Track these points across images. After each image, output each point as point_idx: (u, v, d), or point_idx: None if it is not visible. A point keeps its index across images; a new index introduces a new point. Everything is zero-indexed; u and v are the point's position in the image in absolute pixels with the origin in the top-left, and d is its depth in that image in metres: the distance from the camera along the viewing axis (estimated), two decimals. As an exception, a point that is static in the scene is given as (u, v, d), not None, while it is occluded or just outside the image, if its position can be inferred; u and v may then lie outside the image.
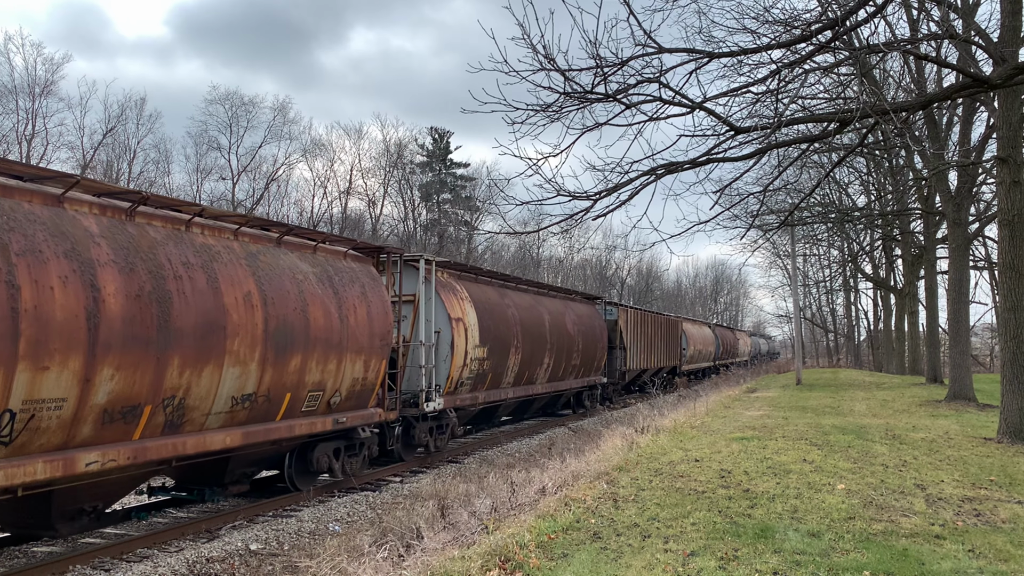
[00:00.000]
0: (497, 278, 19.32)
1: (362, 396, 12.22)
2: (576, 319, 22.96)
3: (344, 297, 11.58)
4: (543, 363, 20.21)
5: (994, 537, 6.85)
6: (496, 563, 6.06)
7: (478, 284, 17.76)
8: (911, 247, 33.29)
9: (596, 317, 25.46)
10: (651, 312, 35.06)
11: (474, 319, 16.29)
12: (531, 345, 19.08)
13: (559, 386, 22.02)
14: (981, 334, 55.27)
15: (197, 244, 9.29)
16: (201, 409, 9.07)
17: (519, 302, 19.22)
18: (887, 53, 13.85)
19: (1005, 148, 13.94)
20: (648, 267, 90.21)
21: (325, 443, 11.98)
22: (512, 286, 20.00)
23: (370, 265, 13.04)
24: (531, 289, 21.38)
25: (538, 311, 20.17)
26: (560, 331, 21.21)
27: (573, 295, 25.21)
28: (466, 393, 16.38)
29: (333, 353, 11.15)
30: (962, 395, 20.07)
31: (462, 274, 17.36)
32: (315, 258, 11.56)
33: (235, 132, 52.44)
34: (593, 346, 24.19)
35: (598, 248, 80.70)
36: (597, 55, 8.59)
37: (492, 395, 17.60)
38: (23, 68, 59.16)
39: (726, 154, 10.20)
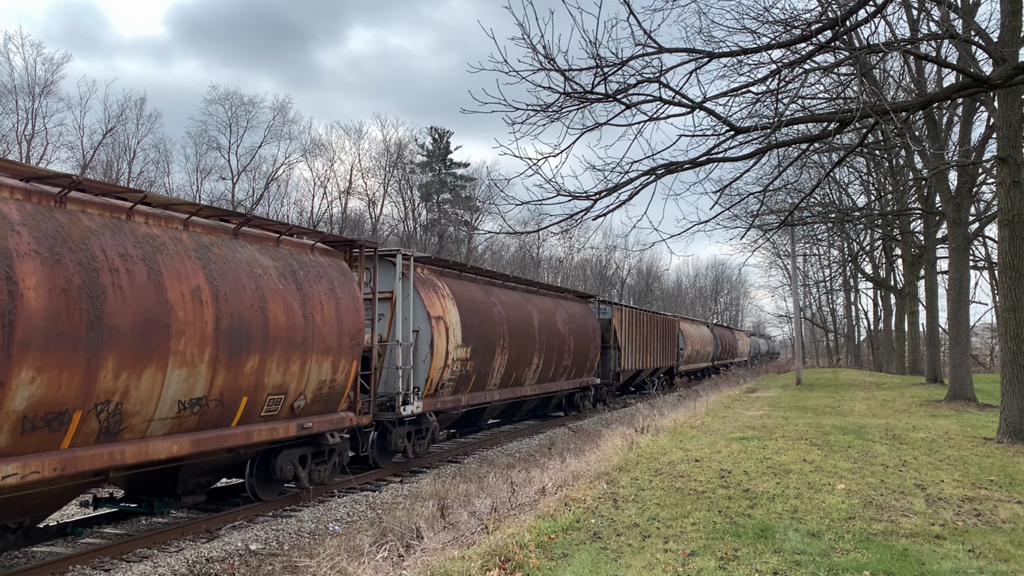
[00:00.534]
0: (483, 275, 18.57)
1: (331, 399, 11.51)
2: (567, 318, 22.26)
3: (310, 293, 10.89)
4: (532, 364, 19.53)
5: (994, 537, 6.85)
6: (496, 563, 6.06)
7: (461, 281, 17.01)
8: (911, 247, 33.29)
9: (589, 316, 24.74)
10: (647, 311, 34.15)
11: (456, 317, 15.58)
12: (519, 345, 18.41)
13: (549, 387, 21.37)
14: (981, 334, 55.28)
15: (139, 234, 8.49)
16: (142, 415, 8.34)
17: (506, 300, 18.51)
18: (887, 53, 13.85)
19: (1005, 148, 13.94)
20: (648, 267, 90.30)
21: (289, 450, 11.24)
22: (499, 284, 19.25)
23: (341, 260, 12.26)
24: (519, 287, 20.57)
25: (526, 310, 19.48)
26: (550, 330, 20.54)
27: (565, 293, 24.42)
28: (448, 396, 15.67)
29: (296, 353, 10.44)
30: (962, 395, 20.07)
31: (444, 270, 16.58)
32: (278, 251, 10.79)
33: (235, 132, 52.50)
34: (585, 346, 23.47)
35: (598, 248, 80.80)
36: (597, 55, 8.60)
37: (476, 397, 16.89)
38: (23, 68, 59.24)
39: (726, 154, 10.21)
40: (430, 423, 15.12)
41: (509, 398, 18.74)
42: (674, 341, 37.66)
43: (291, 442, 11.23)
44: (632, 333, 29.99)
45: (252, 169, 53.34)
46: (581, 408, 25.05)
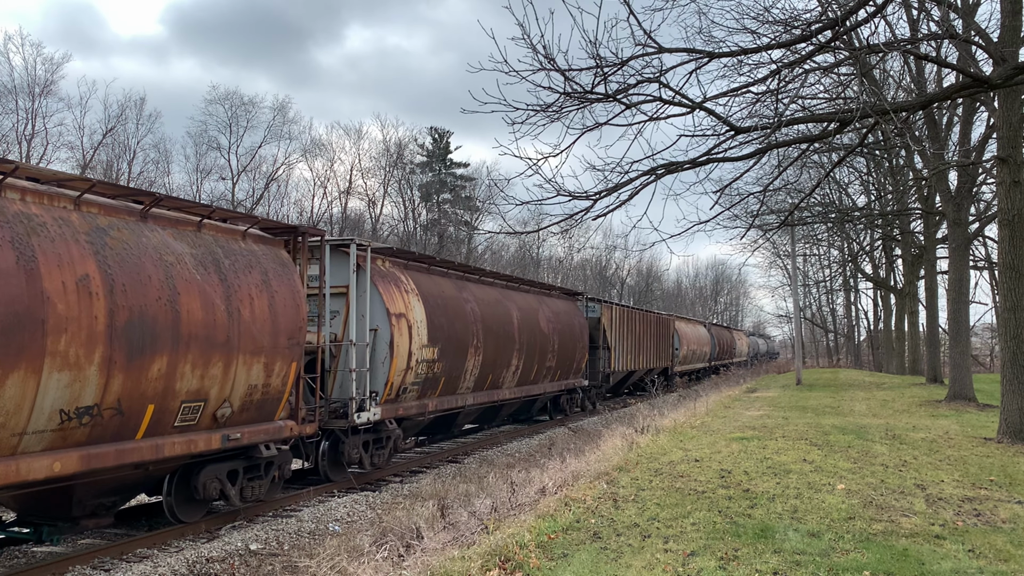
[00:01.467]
0: (455, 269, 17.09)
1: (265, 407, 10.17)
2: (552, 316, 20.85)
3: (237, 285, 9.55)
4: (511, 365, 18.13)
5: (994, 537, 6.85)
6: (496, 563, 6.06)
7: (430, 275, 15.60)
8: (911, 247, 33.31)
9: (576, 314, 23.37)
10: (639, 309, 32.64)
11: (421, 314, 14.18)
12: (495, 345, 17.04)
13: (532, 390, 19.91)
14: (981, 334, 55.29)
15: (9, 213, 7.25)
16: (10, 427, 7.07)
17: (481, 296, 17.12)
18: (887, 53, 13.86)
19: (1005, 148, 13.94)
20: (648, 267, 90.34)
21: (215, 464, 9.84)
22: (474, 279, 17.83)
23: (280, 249, 10.92)
24: (498, 282, 19.06)
25: (505, 307, 18.06)
26: (532, 329, 19.17)
27: (550, 290, 22.90)
28: (412, 401, 14.26)
29: (218, 354, 9.10)
30: (962, 395, 20.08)
31: (409, 263, 15.12)
32: (198, 237, 9.42)
33: (235, 132, 52.52)
34: (572, 346, 22.09)
35: (598, 248, 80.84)
36: (597, 55, 8.60)
37: (446, 402, 15.47)
38: (23, 68, 59.27)
39: (726, 154, 10.22)
40: (391, 431, 13.74)
41: (485, 402, 17.38)
42: (669, 341, 36.45)
43: (217, 456, 9.84)
44: (623, 332, 28.75)
45: (252, 169, 53.41)
46: (568, 412, 23.76)
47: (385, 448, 13.73)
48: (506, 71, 8.53)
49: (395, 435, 13.93)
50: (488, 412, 19.15)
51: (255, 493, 10.57)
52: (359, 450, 12.97)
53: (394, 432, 13.85)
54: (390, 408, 13.46)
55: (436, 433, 18.02)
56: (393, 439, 13.91)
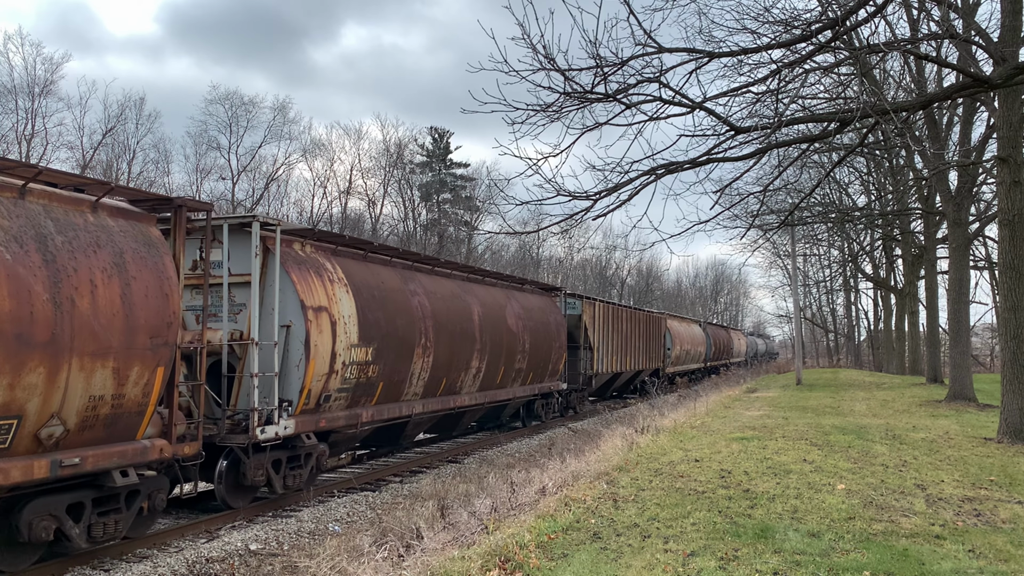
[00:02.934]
0: (400, 257, 14.76)
1: (118, 423, 8.16)
2: (523, 313, 18.84)
3: (71, 269, 7.62)
4: (470, 367, 16.11)
5: (994, 537, 6.85)
6: (496, 563, 6.06)
7: (366, 264, 13.39)
8: (911, 247, 33.32)
9: (552, 311, 21.20)
10: (626, 307, 30.56)
11: (350, 309, 12.10)
12: (450, 345, 15.05)
13: (498, 395, 17.85)
14: (981, 334, 55.31)
15: None
16: None
17: (434, 289, 15.07)
18: (887, 53, 13.86)
19: (1005, 148, 13.94)
20: (648, 267, 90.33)
21: (47, 498, 7.80)
22: (426, 269, 15.55)
23: (149, 226, 8.89)
24: (456, 274, 16.86)
25: (464, 302, 16.06)
26: (497, 327, 17.19)
27: (522, 284, 20.70)
28: (339, 410, 12.14)
29: (36, 357, 7.13)
30: (962, 395, 20.08)
31: (339, 249, 12.87)
32: (18, 207, 7.46)
33: (235, 132, 52.54)
34: (547, 346, 20.12)
35: (598, 248, 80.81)
36: (597, 55, 8.61)
37: (386, 411, 13.37)
38: (22, 68, 59.30)
39: (726, 154, 10.22)
40: (310, 447, 11.64)
41: (439, 410, 15.27)
42: (660, 340, 34.53)
43: (51, 486, 7.82)
44: (608, 331, 26.70)
45: (252, 169, 53.43)
46: (543, 417, 21.54)
47: (304, 467, 11.62)
48: (506, 71, 8.54)
49: (317, 452, 11.82)
50: (446, 420, 17.08)
51: (112, 530, 8.44)
52: (265, 471, 10.75)
53: (315, 448, 11.76)
54: (308, 420, 11.33)
55: (382, 445, 15.80)
56: (315, 456, 11.81)
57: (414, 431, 15.67)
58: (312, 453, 11.77)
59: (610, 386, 29.81)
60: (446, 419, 16.88)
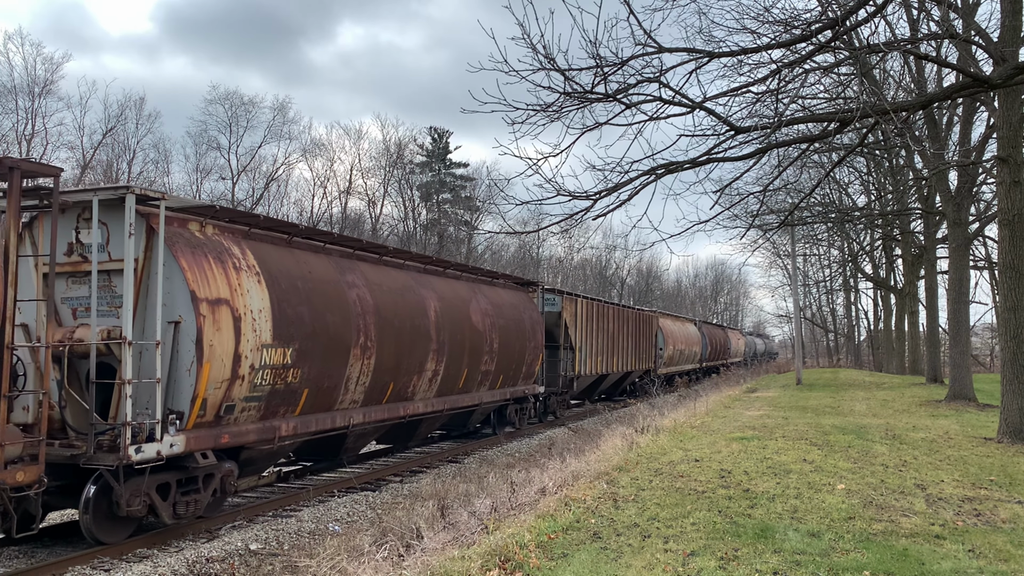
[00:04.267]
0: (335, 243, 12.78)
1: None
2: (491, 309, 17.14)
3: None
4: (425, 370, 14.24)
5: (994, 537, 6.85)
6: (496, 563, 6.06)
7: (291, 250, 11.47)
8: (911, 247, 33.34)
9: (527, 308, 19.43)
10: (613, 304, 28.70)
11: (262, 302, 10.18)
12: (397, 344, 13.22)
13: (460, 401, 16.07)
14: (981, 334, 55.36)
15: None
16: None
17: (378, 281, 13.22)
18: (887, 53, 13.86)
19: (1005, 148, 13.95)
20: (648, 267, 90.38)
21: None
22: (372, 258, 13.60)
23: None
24: (410, 264, 14.95)
25: (417, 296, 14.18)
26: (459, 325, 15.48)
27: (493, 277, 18.74)
28: (249, 423, 10.20)
29: None
30: (962, 395, 20.09)
31: (252, 231, 10.85)
32: None
33: (235, 132, 52.55)
34: (520, 345, 18.41)
35: (598, 248, 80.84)
36: (597, 55, 8.61)
37: (314, 422, 11.45)
38: (22, 67, 59.31)
39: (726, 154, 10.23)
40: (210, 468, 9.61)
41: (385, 419, 13.47)
42: (651, 340, 32.99)
43: None
44: (592, 330, 24.97)
45: (252, 169, 53.45)
46: (518, 424, 19.75)
47: (203, 491, 9.63)
48: (506, 71, 8.55)
49: (221, 472, 9.88)
50: (399, 430, 15.31)
51: None
52: (144, 498, 8.82)
53: (218, 468, 9.80)
54: (205, 435, 9.42)
55: (321, 460, 13.89)
56: (218, 478, 9.84)
57: (357, 444, 13.92)
58: (214, 474, 9.76)
59: (595, 389, 28.19)
60: (398, 429, 15.06)
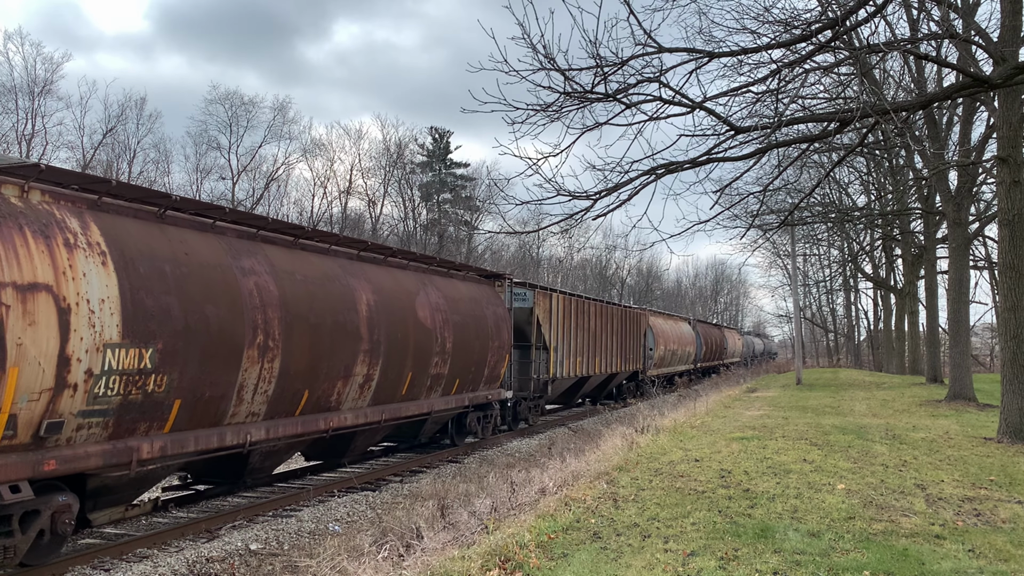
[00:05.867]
0: (228, 220, 10.34)
1: None
2: (443, 304, 14.88)
3: None
4: (353, 375, 11.97)
5: (994, 537, 6.85)
6: (496, 563, 6.06)
7: (161, 227, 9.07)
8: (911, 247, 33.35)
9: (492, 303, 17.28)
10: (595, 300, 26.45)
11: (107, 290, 7.99)
12: (313, 344, 10.94)
13: (404, 410, 13.73)
14: (981, 334, 55.38)
15: None
16: None
17: (290, 268, 10.89)
18: (887, 53, 13.86)
19: (1005, 148, 13.95)
20: (648, 267, 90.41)
21: None
22: (286, 240, 11.31)
23: None
24: (338, 250, 12.52)
25: (343, 286, 11.88)
26: (400, 321, 13.16)
27: (447, 268, 16.27)
28: (91, 444, 8.00)
29: None
30: (962, 395, 20.09)
31: (101, 200, 8.54)
32: None
33: (235, 132, 52.58)
34: (481, 345, 16.25)
35: (598, 248, 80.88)
36: (597, 55, 8.61)
37: (192, 441, 9.17)
38: (22, 67, 59.31)
39: (726, 154, 10.23)
40: (26, 504, 7.46)
41: (300, 433, 11.17)
42: (639, 339, 31.11)
43: None
44: (570, 328, 22.87)
45: (252, 169, 53.51)
46: (481, 433, 17.63)
47: (20, 535, 7.50)
48: (506, 71, 8.55)
49: (51, 509, 7.75)
50: (328, 445, 13.18)
51: None
52: None
53: (46, 504, 7.69)
54: (15, 462, 7.25)
55: (221, 482, 11.84)
56: (48, 515, 7.72)
57: (266, 463, 11.79)
58: (40, 511, 7.64)
59: (575, 392, 25.99)
60: (326, 444, 13.03)
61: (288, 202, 57.83)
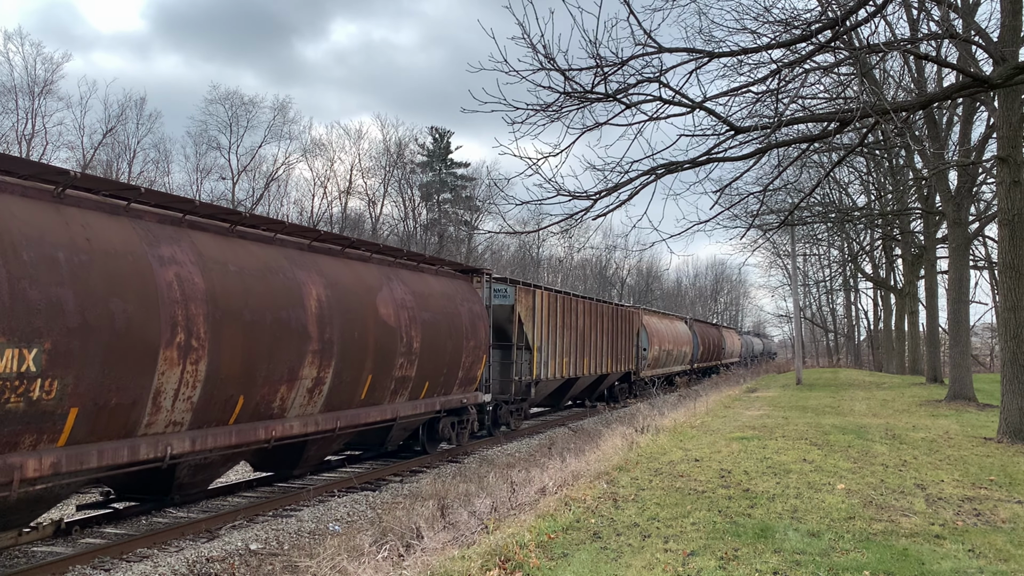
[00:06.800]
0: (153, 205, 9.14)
1: None
2: (410, 300, 13.66)
3: None
4: (300, 378, 10.75)
5: (994, 537, 6.86)
6: (496, 563, 6.07)
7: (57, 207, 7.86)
8: (911, 247, 33.35)
9: (468, 299, 16.09)
10: (583, 297, 25.12)
11: None
12: (248, 344, 9.71)
13: (363, 416, 12.48)
14: (981, 334, 55.40)
15: None
16: None
17: (221, 257, 9.62)
18: (887, 53, 13.86)
19: (1005, 148, 13.95)
20: (648, 267, 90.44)
21: None
22: (219, 228, 10.03)
23: None
24: (285, 239, 11.27)
25: (288, 279, 10.67)
26: (359, 319, 12.03)
27: (417, 260, 14.83)
28: None
29: None
30: (962, 395, 20.09)
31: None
32: None
33: (235, 132, 52.60)
34: (455, 345, 15.07)
35: (598, 248, 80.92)
36: (597, 55, 8.61)
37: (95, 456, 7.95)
38: (22, 67, 59.32)
39: (726, 154, 10.23)
40: None
41: (235, 445, 9.94)
42: (632, 339, 30.09)
43: None
44: (556, 326, 21.67)
45: (252, 169, 53.54)
46: (456, 440, 16.40)
47: None
48: (506, 71, 8.55)
49: None
50: (276, 455, 11.83)
51: None
52: None
53: None
54: None
55: (147, 498, 10.65)
56: None
57: (197, 477, 10.39)
58: None
59: (563, 394, 24.91)
60: (270, 454, 11.71)
61: (288, 202, 57.93)
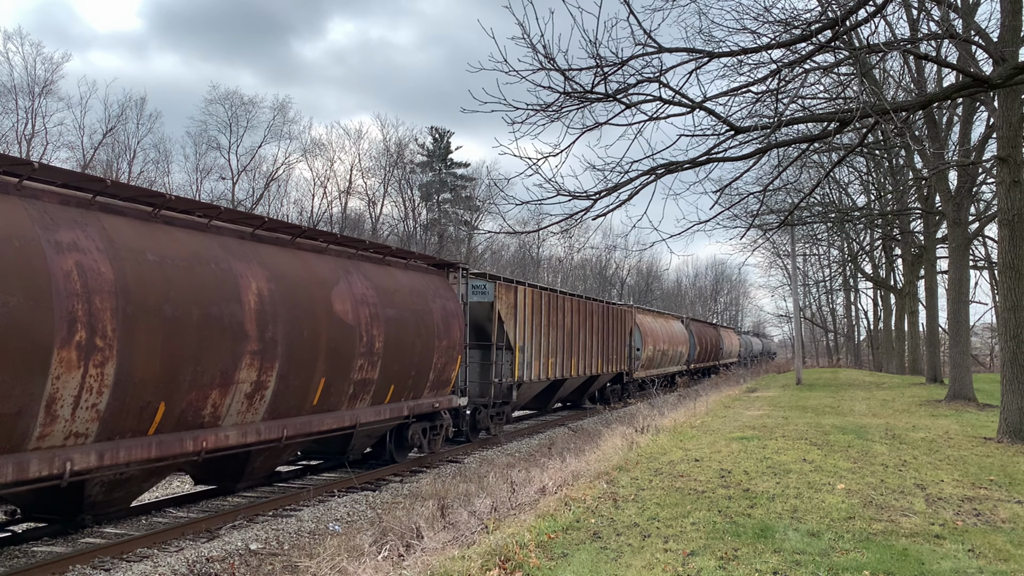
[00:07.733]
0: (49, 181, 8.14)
1: None
2: (372, 295, 12.53)
3: None
4: (237, 381, 9.65)
5: (994, 537, 6.86)
6: (496, 563, 6.07)
7: None
8: (911, 247, 33.35)
9: (441, 295, 14.85)
10: (571, 295, 23.99)
11: None
12: (169, 344, 8.61)
13: (318, 423, 11.41)
14: (981, 334, 55.40)
15: None
16: None
17: (139, 245, 8.53)
18: (887, 53, 13.86)
19: (1005, 148, 13.95)
20: (648, 267, 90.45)
21: None
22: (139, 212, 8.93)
23: None
24: (221, 226, 10.20)
25: (222, 271, 9.55)
26: (309, 316, 10.90)
27: (382, 253, 13.66)
28: None
29: None
30: (962, 395, 20.09)
31: None
32: None
33: (235, 132, 52.60)
34: (425, 345, 13.87)
35: (598, 248, 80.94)
36: (597, 55, 8.61)
37: None
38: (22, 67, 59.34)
39: (726, 154, 10.23)
40: None
41: (154, 458, 8.84)
42: (624, 339, 28.99)
43: None
44: (541, 325, 20.47)
45: (252, 169, 53.55)
46: (428, 447, 15.22)
47: None
48: (506, 71, 8.55)
49: None
50: (215, 467, 10.99)
51: None
52: None
53: None
54: None
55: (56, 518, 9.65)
56: None
57: (114, 494, 9.40)
58: None
59: (550, 397, 23.68)
60: (210, 467, 10.79)
61: (288, 202, 57.94)
